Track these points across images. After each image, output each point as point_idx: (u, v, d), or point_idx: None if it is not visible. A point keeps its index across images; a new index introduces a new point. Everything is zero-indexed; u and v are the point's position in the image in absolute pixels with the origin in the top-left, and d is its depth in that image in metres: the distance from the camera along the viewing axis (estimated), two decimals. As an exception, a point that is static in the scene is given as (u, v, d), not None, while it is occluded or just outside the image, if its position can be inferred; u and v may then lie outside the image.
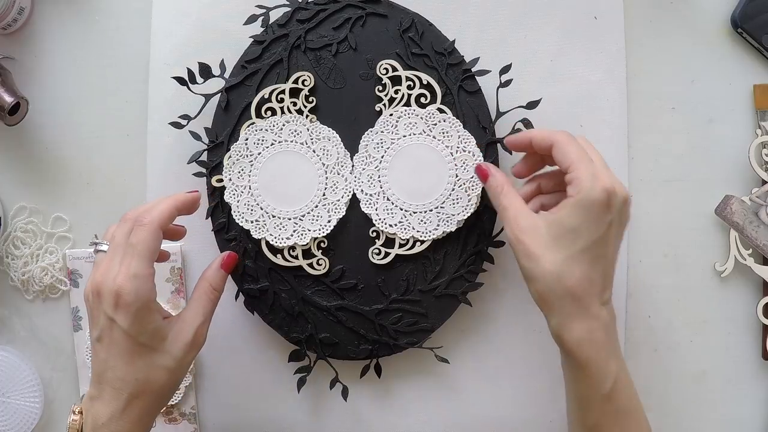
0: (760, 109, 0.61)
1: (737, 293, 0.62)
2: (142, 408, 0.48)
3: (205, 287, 0.52)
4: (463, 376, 0.61)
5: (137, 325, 0.47)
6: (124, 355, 0.47)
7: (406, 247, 0.57)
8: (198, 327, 0.50)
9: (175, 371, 0.49)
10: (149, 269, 0.47)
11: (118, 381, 0.47)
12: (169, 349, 0.48)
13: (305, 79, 0.57)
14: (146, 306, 0.47)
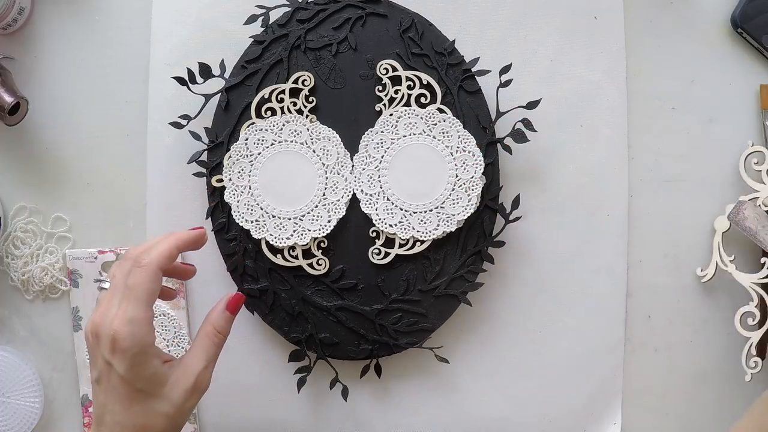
0: (766, 109, 0.61)
1: (737, 293, 0.62)
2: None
3: (208, 330, 0.50)
4: (463, 376, 0.61)
5: (134, 371, 0.45)
6: (122, 400, 0.46)
7: (406, 247, 0.57)
8: (199, 372, 0.48)
9: (174, 417, 0.47)
10: (146, 313, 0.46)
11: (116, 425, 0.46)
12: (168, 395, 0.46)
13: (305, 79, 0.57)
14: (143, 351, 0.45)
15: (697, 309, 0.62)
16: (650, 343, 0.62)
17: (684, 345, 0.62)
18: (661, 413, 0.62)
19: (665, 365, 0.62)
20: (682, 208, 0.62)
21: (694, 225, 0.62)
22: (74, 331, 0.61)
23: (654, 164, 0.62)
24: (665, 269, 0.62)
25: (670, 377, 0.62)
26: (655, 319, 0.62)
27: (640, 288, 0.62)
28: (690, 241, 0.62)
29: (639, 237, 0.61)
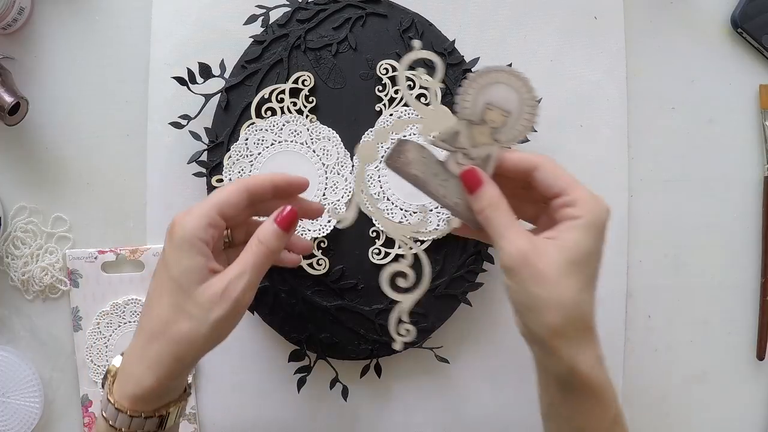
0: (765, 109, 0.61)
1: (737, 293, 0.62)
2: (156, 351, 0.43)
3: (251, 240, 0.45)
4: (463, 376, 0.61)
5: (175, 257, 0.43)
6: (158, 288, 0.44)
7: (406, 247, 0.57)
8: (231, 280, 0.43)
9: (199, 322, 0.43)
10: (210, 212, 0.44)
11: (147, 314, 0.44)
12: (198, 296, 0.43)
13: (305, 79, 0.57)
14: (191, 241, 0.43)
15: (697, 309, 0.62)
16: (650, 343, 0.62)
17: (684, 345, 0.62)
18: (661, 413, 0.62)
19: (665, 365, 0.62)
20: (682, 208, 0.62)
21: (694, 225, 0.62)
22: (74, 331, 0.61)
23: (654, 164, 0.62)
24: (665, 269, 0.62)
25: (670, 377, 0.62)
26: (655, 319, 0.62)
27: (640, 288, 0.62)
28: (690, 241, 0.62)
29: (639, 237, 0.61)
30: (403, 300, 0.49)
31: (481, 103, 0.45)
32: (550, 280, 0.41)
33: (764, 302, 0.61)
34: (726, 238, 0.62)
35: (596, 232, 0.43)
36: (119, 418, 0.44)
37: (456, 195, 0.46)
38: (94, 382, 0.61)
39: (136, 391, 0.43)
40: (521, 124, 0.45)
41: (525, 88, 0.45)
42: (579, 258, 0.42)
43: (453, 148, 0.45)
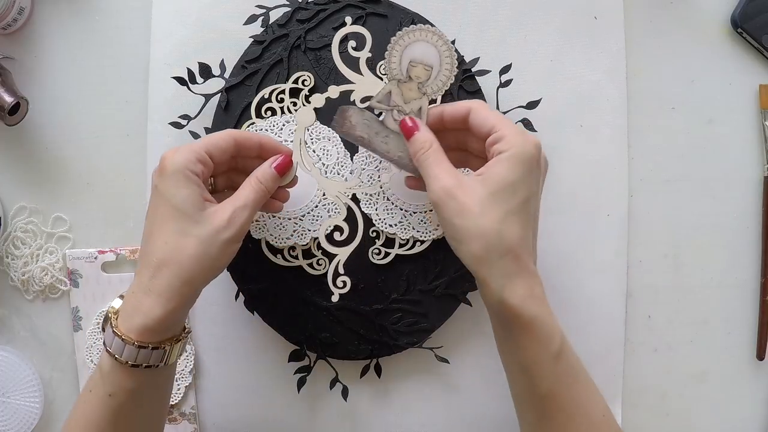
0: (765, 109, 0.61)
1: (737, 293, 0.62)
2: (166, 280, 0.45)
3: (251, 179, 0.50)
4: (463, 376, 0.61)
5: (173, 187, 0.46)
6: (159, 219, 0.46)
7: (406, 247, 0.57)
8: (237, 208, 0.48)
9: (207, 244, 0.46)
10: (199, 149, 0.47)
11: (149, 247, 0.47)
12: (204, 219, 0.46)
13: (305, 79, 0.57)
14: (184, 174, 0.46)
15: (697, 309, 0.62)
16: (650, 343, 0.62)
17: (684, 345, 0.62)
18: (661, 413, 0.62)
19: (665, 365, 0.62)
20: (682, 208, 0.62)
21: (694, 225, 0.62)
22: (74, 331, 0.61)
23: (654, 164, 0.62)
24: (665, 269, 0.62)
25: (670, 377, 0.62)
26: (655, 319, 0.62)
27: (640, 288, 0.62)
28: (690, 241, 0.62)
29: (639, 237, 0.61)
30: (339, 253, 0.55)
31: (405, 62, 0.51)
32: (472, 211, 0.44)
33: (764, 302, 0.61)
34: (726, 238, 0.62)
35: (520, 164, 0.45)
36: (126, 350, 0.45)
37: (398, 149, 0.51)
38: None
39: (146, 321, 0.45)
40: (443, 74, 0.51)
41: (441, 41, 0.51)
42: (501, 189, 0.45)
43: (388, 107, 0.51)
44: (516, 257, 0.45)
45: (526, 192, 0.46)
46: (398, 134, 0.51)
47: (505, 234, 0.44)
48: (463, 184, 0.45)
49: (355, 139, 0.52)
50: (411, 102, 0.51)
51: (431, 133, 0.49)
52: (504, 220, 0.44)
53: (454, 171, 0.47)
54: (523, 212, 0.45)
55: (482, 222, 0.44)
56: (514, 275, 0.45)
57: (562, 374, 0.46)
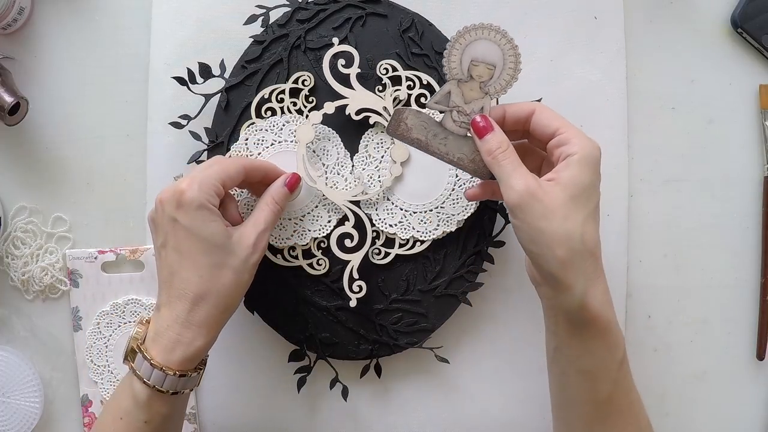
0: (765, 109, 0.61)
1: (737, 293, 0.62)
2: (206, 311, 0.48)
3: (267, 200, 0.52)
4: (463, 376, 0.61)
5: (199, 222, 0.47)
6: (188, 253, 0.47)
7: (406, 247, 0.57)
8: (260, 232, 0.50)
9: (239, 273, 0.49)
10: (215, 181, 0.48)
11: (183, 282, 0.47)
12: (234, 248, 0.48)
13: (305, 79, 0.57)
14: (206, 206, 0.47)
15: (697, 309, 0.62)
16: (650, 343, 0.62)
17: (684, 345, 0.62)
18: (661, 413, 0.62)
19: (665, 365, 0.62)
20: (682, 208, 0.62)
21: (694, 225, 0.62)
22: (74, 331, 0.61)
23: (654, 164, 0.62)
24: (665, 269, 0.62)
25: (670, 377, 0.62)
26: (655, 319, 0.62)
27: (640, 288, 0.62)
28: (690, 241, 0.62)
29: (639, 237, 0.61)
30: (352, 259, 0.56)
31: (466, 61, 0.49)
32: (557, 214, 0.44)
33: (764, 302, 0.61)
34: (726, 238, 0.62)
35: (591, 167, 0.46)
36: (167, 381, 0.47)
37: (458, 150, 0.50)
38: (93, 382, 0.61)
39: (187, 352, 0.47)
40: (507, 74, 0.49)
41: (504, 40, 0.49)
42: (579, 192, 0.45)
43: (447, 108, 0.50)
44: (596, 260, 0.46)
45: (598, 194, 0.47)
46: (456, 135, 0.50)
47: (587, 237, 0.45)
48: (544, 187, 0.45)
49: (411, 142, 0.50)
50: (472, 102, 0.49)
51: (503, 133, 0.48)
52: (585, 223, 0.45)
53: (532, 174, 0.46)
54: (597, 214, 0.46)
55: (567, 225, 0.44)
56: (595, 278, 0.45)
57: (622, 380, 0.47)
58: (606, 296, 0.46)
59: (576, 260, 0.44)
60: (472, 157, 0.50)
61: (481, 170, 0.50)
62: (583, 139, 0.46)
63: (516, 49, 0.49)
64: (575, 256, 0.44)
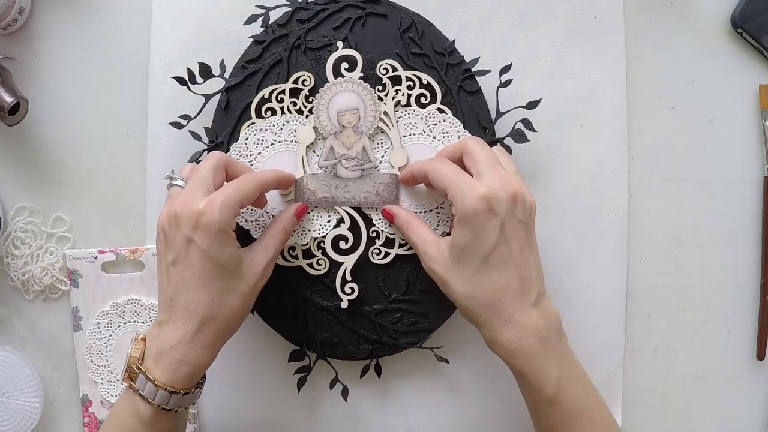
0: (765, 109, 0.61)
1: (737, 293, 0.62)
2: (213, 333, 0.48)
3: (279, 227, 0.53)
4: (463, 376, 0.61)
5: (216, 246, 0.47)
6: (201, 276, 0.47)
7: (406, 247, 0.57)
8: (270, 259, 0.51)
9: (247, 297, 0.50)
10: (236, 204, 0.49)
11: (192, 303, 0.48)
12: (244, 274, 0.49)
13: (305, 79, 0.57)
14: (226, 231, 0.48)
15: (697, 309, 0.62)
16: (650, 343, 0.62)
17: (684, 345, 0.62)
18: (661, 413, 0.62)
19: (665, 365, 0.62)
20: (682, 208, 0.62)
21: (694, 225, 0.62)
22: (74, 331, 0.61)
23: (654, 164, 0.62)
24: (665, 269, 0.62)
25: (670, 377, 0.62)
26: (655, 319, 0.62)
27: (640, 288, 0.62)
28: (690, 241, 0.62)
29: (639, 237, 0.61)
30: (345, 261, 0.57)
31: (333, 115, 0.56)
32: (445, 280, 0.50)
33: (764, 302, 0.61)
34: (726, 238, 0.62)
35: (467, 224, 0.48)
36: (172, 399, 0.48)
37: (361, 191, 0.56)
38: (93, 382, 0.61)
39: (191, 370, 0.48)
40: (370, 110, 0.56)
41: (356, 85, 0.56)
42: (460, 253, 0.49)
43: (335, 159, 0.56)
44: (495, 310, 0.48)
45: (486, 247, 0.47)
46: (354, 179, 0.56)
47: (476, 294, 0.48)
48: (438, 255, 0.50)
49: (320, 202, 0.56)
50: (353, 146, 0.56)
51: (406, 212, 0.55)
52: (471, 281, 0.48)
53: (432, 240, 0.51)
54: (491, 266, 0.48)
55: (454, 288, 0.49)
56: (497, 327, 0.48)
57: (558, 416, 0.48)
58: (518, 344, 0.47)
59: (471, 315, 0.49)
60: (375, 191, 0.56)
61: (387, 198, 0.56)
62: (459, 198, 0.48)
63: (368, 88, 0.56)
64: (468, 312, 0.49)
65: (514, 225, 0.48)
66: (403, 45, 0.58)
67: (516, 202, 0.48)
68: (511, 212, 0.47)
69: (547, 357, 0.47)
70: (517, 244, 0.48)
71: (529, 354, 0.47)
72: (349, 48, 0.57)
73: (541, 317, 0.48)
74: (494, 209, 0.47)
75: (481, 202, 0.47)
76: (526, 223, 0.49)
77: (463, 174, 0.49)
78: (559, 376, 0.47)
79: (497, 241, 0.47)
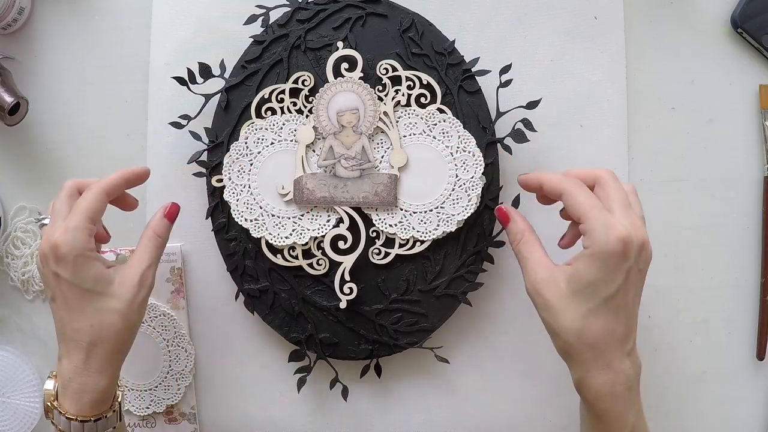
0: (765, 109, 0.61)
1: (737, 293, 0.62)
2: (102, 356, 0.48)
3: (149, 234, 0.53)
4: (463, 376, 0.61)
5: (79, 273, 0.48)
6: (75, 305, 0.48)
7: (406, 247, 0.57)
8: (144, 269, 0.51)
9: (126, 314, 0.49)
10: (85, 223, 0.48)
11: (75, 333, 0.48)
12: (116, 292, 0.49)
13: (305, 79, 0.57)
14: (83, 255, 0.48)
15: (697, 309, 0.62)
16: (650, 343, 0.62)
17: (684, 345, 0.62)
18: (661, 413, 0.62)
19: (665, 365, 0.62)
20: (682, 208, 0.62)
21: (694, 225, 0.62)
22: (74, 331, 0.61)
23: (654, 164, 0.62)
24: (665, 269, 0.62)
25: (670, 377, 0.62)
26: (655, 319, 0.62)
27: (640, 288, 0.62)
28: (690, 241, 0.62)
29: (639, 237, 0.61)
30: (344, 261, 0.56)
31: (333, 115, 0.56)
32: (555, 309, 0.47)
33: (764, 302, 0.61)
34: (726, 238, 0.62)
35: (601, 263, 0.46)
36: (86, 428, 0.48)
37: (360, 191, 0.56)
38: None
39: (95, 396, 0.48)
40: (370, 111, 0.56)
41: (355, 85, 0.56)
42: (582, 288, 0.46)
43: (335, 159, 0.56)
44: (599, 353, 0.46)
45: (610, 289, 0.46)
46: (353, 179, 0.55)
47: (586, 332, 0.46)
48: (550, 280, 0.47)
49: (318, 202, 0.56)
50: (352, 146, 0.56)
51: (524, 221, 0.51)
52: (585, 318, 0.46)
53: (544, 262, 0.49)
54: (608, 308, 0.46)
55: (563, 321, 0.46)
56: (594, 369, 0.47)
57: None
58: (610, 389, 0.47)
59: (572, 352, 0.47)
60: (374, 191, 0.55)
61: (386, 199, 0.55)
62: (599, 232, 0.46)
63: (367, 88, 0.56)
64: (571, 347, 0.47)
65: (636, 273, 0.47)
66: (403, 45, 0.58)
67: (642, 251, 0.47)
68: (637, 260, 0.47)
69: (629, 405, 0.47)
70: (633, 292, 0.48)
71: (615, 400, 0.47)
72: (349, 48, 0.57)
73: (632, 366, 0.48)
74: (627, 255, 0.46)
75: (618, 245, 0.45)
76: (644, 273, 0.48)
77: (603, 209, 0.47)
78: (634, 424, 0.47)
79: (620, 286, 0.46)
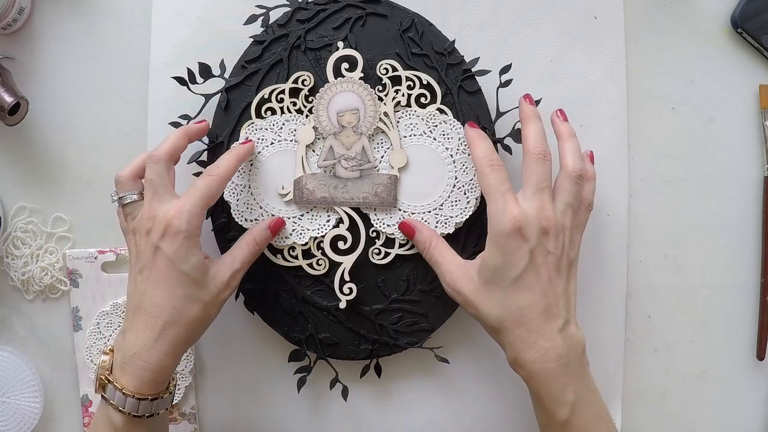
0: (765, 109, 0.61)
1: (737, 293, 0.62)
2: (173, 338, 0.49)
3: (248, 239, 0.53)
4: (463, 376, 0.61)
5: (182, 254, 0.48)
6: (166, 282, 0.49)
7: (406, 247, 0.57)
8: (235, 271, 0.52)
9: (208, 307, 0.50)
10: (201, 209, 0.50)
11: (155, 308, 0.49)
12: (208, 283, 0.50)
13: (305, 79, 0.57)
14: (192, 239, 0.49)
15: (697, 309, 0.62)
16: (650, 343, 0.62)
17: (684, 345, 0.62)
18: (661, 413, 0.62)
19: (665, 365, 0.62)
20: (682, 208, 0.62)
21: (694, 225, 0.62)
22: (74, 331, 0.61)
23: (654, 164, 0.62)
24: (665, 269, 0.62)
25: (670, 377, 0.62)
26: (655, 319, 0.62)
27: (640, 288, 0.62)
28: (690, 241, 0.62)
29: (639, 237, 0.61)
30: (344, 261, 0.57)
31: (333, 116, 0.56)
32: (474, 302, 0.50)
33: (764, 302, 0.61)
34: (726, 238, 0.62)
35: (497, 246, 0.48)
36: (141, 406, 0.48)
37: (360, 191, 0.56)
38: (94, 382, 0.61)
39: (156, 376, 0.49)
40: (370, 111, 0.56)
41: (356, 85, 0.56)
42: (491, 274, 0.49)
43: (334, 159, 0.56)
44: (525, 331, 0.48)
45: (516, 270, 0.48)
46: (353, 180, 0.56)
47: (505, 314, 0.49)
48: (464, 276, 0.51)
49: (318, 202, 0.56)
50: (352, 146, 0.56)
51: (429, 228, 0.55)
52: (501, 302, 0.49)
53: (456, 261, 0.52)
54: (520, 287, 0.48)
55: (483, 309, 0.49)
56: (523, 349, 0.48)
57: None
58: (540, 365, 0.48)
59: (500, 335, 0.49)
60: (374, 192, 0.56)
61: (386, 200, 0.56)
62: (495, 217, 0.48)
63: (368, 88, 0.56)
64: (497, 333, 0.50)
65: (544, 254, 0.48)
66: (403, 45, 0.58)
67: (547, 236, 0.48)
68: (541, 241, 0.48)
69: (566, 382, 0.48)
70: (546, 272, 0.48)
71: (548, 377, 0.48)
72: (350, 48, 0.57)
73: (564, 343, 0.48)
74: (525, 235, 0.47)
75: (511, 226, 0.47)
76: (556, 257, 0.49)
77: (507, 192, 0.49)
78: (574, 402, 0.48)
79: (526, 266, 0.48)
